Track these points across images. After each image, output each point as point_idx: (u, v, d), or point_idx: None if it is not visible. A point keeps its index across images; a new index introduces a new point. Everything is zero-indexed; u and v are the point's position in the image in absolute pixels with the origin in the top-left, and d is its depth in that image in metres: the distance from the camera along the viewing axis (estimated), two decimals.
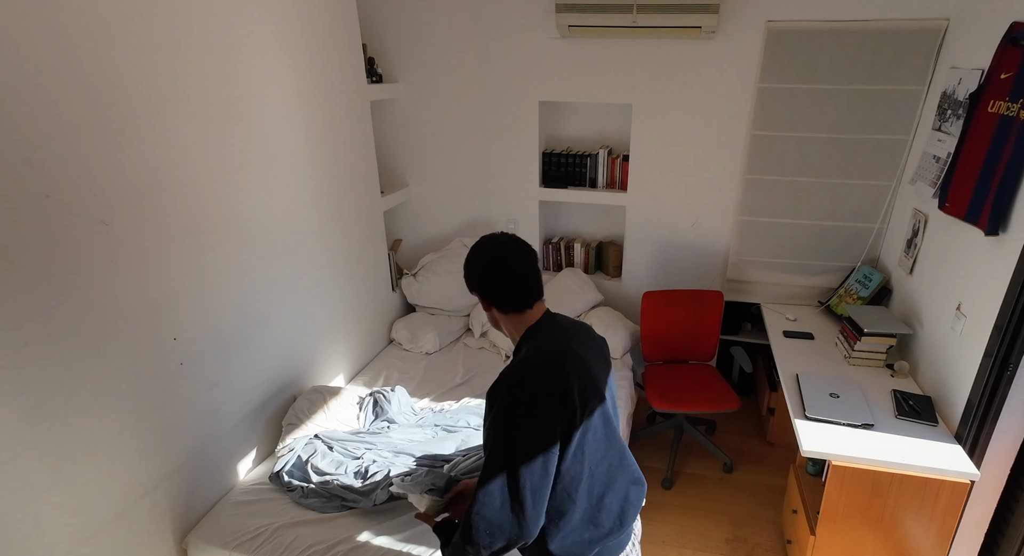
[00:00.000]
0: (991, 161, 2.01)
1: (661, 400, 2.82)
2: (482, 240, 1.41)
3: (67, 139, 1.53)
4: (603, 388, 1.37)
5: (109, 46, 1.61)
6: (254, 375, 2.30)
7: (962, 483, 1.94)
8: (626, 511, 1.41)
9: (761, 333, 3.12)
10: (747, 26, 2.82)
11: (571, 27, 2.88)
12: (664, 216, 3.31)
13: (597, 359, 1.40)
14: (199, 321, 2.01)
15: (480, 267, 1.38)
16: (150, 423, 1.86)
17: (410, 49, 3.27)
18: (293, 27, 2.35)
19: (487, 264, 1.37)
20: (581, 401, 1.27)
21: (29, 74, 1.43)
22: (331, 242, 2.76)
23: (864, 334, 2.51)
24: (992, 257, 1.99)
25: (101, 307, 1.66)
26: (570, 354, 1.31)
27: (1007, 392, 1.87)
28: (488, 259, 1.37)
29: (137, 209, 1.74)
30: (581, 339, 1.40)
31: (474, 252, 1.40)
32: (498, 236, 1.40)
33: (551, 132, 3.48)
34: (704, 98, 3.01)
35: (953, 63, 2.47)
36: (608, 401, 1.39)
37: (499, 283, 1.36)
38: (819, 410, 2.19)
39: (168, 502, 1.96)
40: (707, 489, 2.89)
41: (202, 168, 1.96)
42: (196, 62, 1.90)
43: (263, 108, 2.22)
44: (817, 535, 2.13)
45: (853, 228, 3.01)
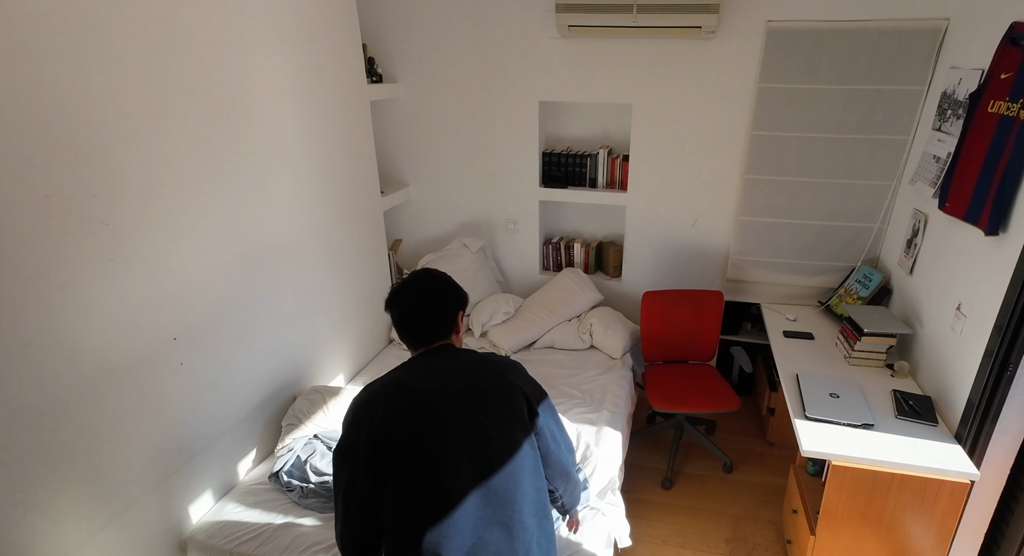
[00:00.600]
0: (991, 161, 2.01)
1: (661, 400, 2.82)
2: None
3: (67, 139, 1.53)
4: (433, 443, 1.25)
5: (109, 46, 1.61)
6: (254, 375, 2.30)
7: (962, 483, 1.94)
8: None
9: (761, 333, 3.12)
10: (747, 26, 2.82)
11: (571, 27, 2.88)
12: (664, 216, 3.31)
13: (458, 409, 1.29)
14: (199, 321, 2.01)
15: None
16: (150, 423, 1.86)
17: (410, 49, 3.27)
18: (293, 27, 2.35)
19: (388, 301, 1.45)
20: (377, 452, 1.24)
21: (29, 74, 1.43)
22: (331, 242, 2.76)
23: (864, 334, 2.51)
24: (992, 257, 1.98)
25: (101, 307, 1.66)
26: (382, 403, 1.28)
27: (1007, 392, 1.87)
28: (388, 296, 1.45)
29: (137, 209, 1.74)
30: (443, 386, 1.32)
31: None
32: (415, 273, 1.46)
33: (551, 132, 3.48)
34: (704, 98, 3.01)
35: (953, 63, 2.47)
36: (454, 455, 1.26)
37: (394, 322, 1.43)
38: (819, 410, 2.19)
39: (168, 502, 1.96)
40: (707, 489, 2.89)
41: (202, 168, 1.96)
42: (196, 62, 1.90)
43: (263, 108, 2.22)
44: (817, 535, 2.13)
45: (853, 228, 3.01)
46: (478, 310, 3.37)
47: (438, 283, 1.45)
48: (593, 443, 2.45)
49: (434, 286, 1.43)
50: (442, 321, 1.42)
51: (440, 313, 1.42)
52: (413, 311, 1.40)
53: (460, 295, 1.48)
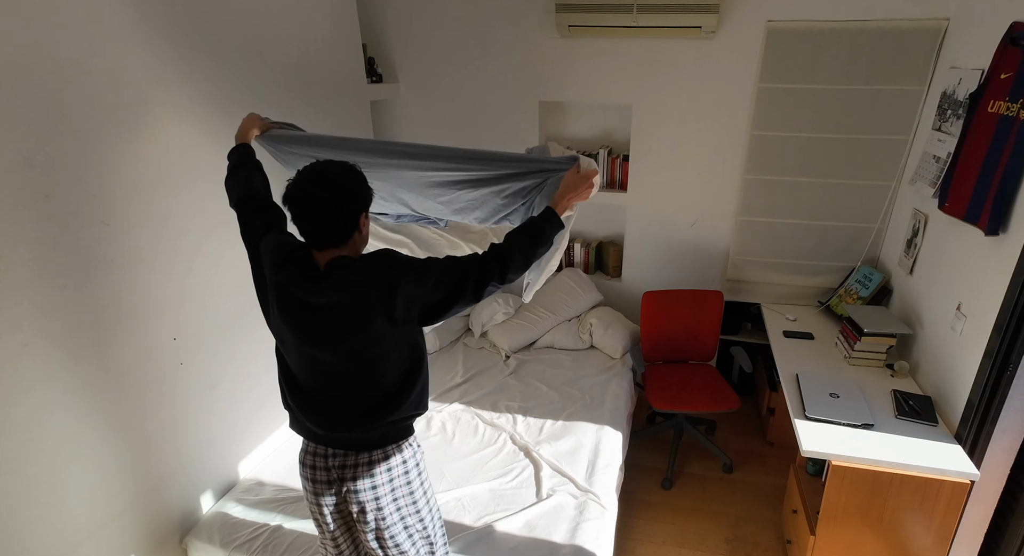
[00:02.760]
0: (991, 161, 2.01)
1: (661, 400, 2.82)
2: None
3: (67, 139, 1.53)
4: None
5: (109, 45, 1.61)
6: (254, 375, 2.30)
7: (962, 483, 1.94)
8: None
9: (761, 333, 3.12)
10: (747, 26, 2.81)
11: (571, 27, 2.88)
12: (664, 216, 3.31)
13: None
14: (199, 321, 2.01)
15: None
16: (150, 423, 1.86)
17: (410, 49, 3.27)
18: (293, 27, 2.35)
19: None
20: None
21: (29, 73, 1.43)
22: None
23: (864, 334, 2.51)
24: (992, 257, 1.98)
25: (101, 307, 1.66)
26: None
27: (1007, 392, 1.87)
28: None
29: (137, 209, 1.74)
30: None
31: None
32: (310, 172, 1.38)
33: (551, 132, 3.48)
34: (704, 98, 3.00)
35: (953, 63, 2.47)
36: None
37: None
38: (819, 410, 2.19)
39: (168, 502, 1.96)
40: (707, 489, 2.89)
41: (202, 168, 1.96)
42: (195, 62, 1.90)
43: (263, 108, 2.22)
44: (817, 535, 2.13)
45: (853, 228, 3.01)
46: (478, 310, 3.37)
47: (337, 186, 1.35)
48: (593, 443, 2.45)
49: (330, 196, 1.34)
50: (340, 228, 1.37)
51: (338, 220, 1.36)
52: (310, 218, 1.35)
53: (362, 196, 1.40)
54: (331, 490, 1.51)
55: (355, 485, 1.47)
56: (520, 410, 2.69)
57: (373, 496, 1.48)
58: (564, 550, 1.91)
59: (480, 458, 2.38)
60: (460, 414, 2.67)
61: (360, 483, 1.47)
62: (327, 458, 1.49)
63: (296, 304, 1.41)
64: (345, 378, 1.44)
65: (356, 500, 1.48)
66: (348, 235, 1.39)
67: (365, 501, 1.48)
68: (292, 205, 1.36)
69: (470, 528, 2.01)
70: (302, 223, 1.37)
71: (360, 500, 1.48)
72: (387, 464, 1.49)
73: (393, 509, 1.50)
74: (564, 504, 2.11)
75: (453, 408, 2.72)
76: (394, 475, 1.50)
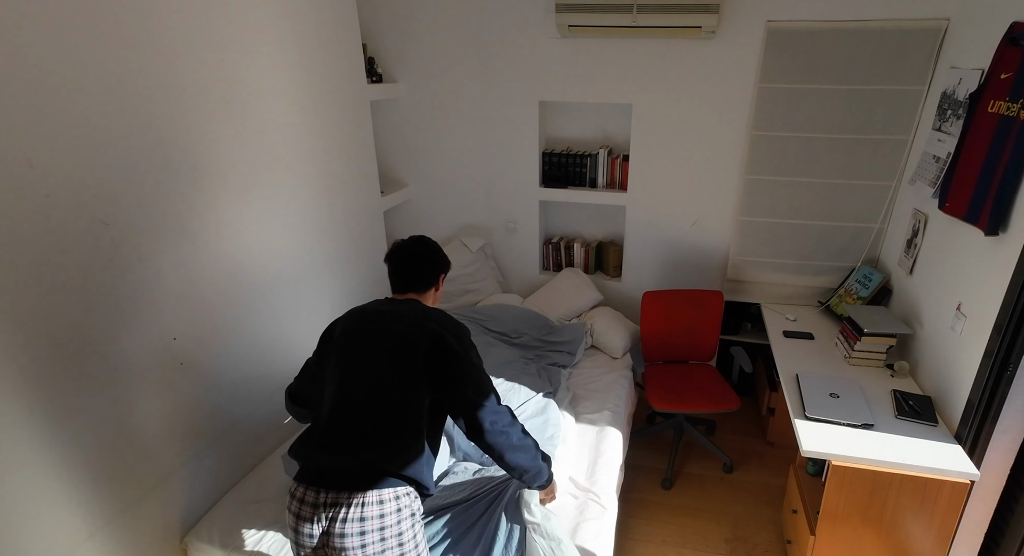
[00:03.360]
0: (991, 161, 2.01)
1: (661, 400, 2.82)
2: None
3: (67, 139, 1.53)
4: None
5: (109, 45, 1.62)
6: (254, 375, 2.30)
7: (962, 483, 1.94)
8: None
9: (761, 333, 3.12)
10: (747, 26, 2.81)
11: (571, 27, 2.88)
12: (664, 216, 3.31)
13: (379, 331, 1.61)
14: (199, 321, 2.01)
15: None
16: (150, 423, 1.86)
17: (410, 49, 3.27)
18: (293, 27, 2.35)
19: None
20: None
21: (29, 73, 1.43)
22: (331, 242, 2.76)
23: (864, 334, 2.51)
24: (992, 257, 1.99)
25: (101, 307, 1.66)
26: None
27: (1007, 392, 1.87)
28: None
29: (137, 209, 1.74)
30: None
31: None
32: (412, 237, 1.79)
33: (551, 132, 3.48)
34: (704, 98, 3.00)
35: (953, 63, 2.47)
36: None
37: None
38: (819, 410, 2.19)
39: (168, 502, 1.96)
40: (707, 489, 2.89)
41: (202, 168, 1.96)
42: (195, 61, 1.90)
43: (263, 108, 2.22)
44: (817, 535, 2.13)
45: (853, 228, 3.01)
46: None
47: (427, 248, 1.77)
48: (593, 443, 2.45)
49: (422, 250, 1.76)
50: (423, 277, 1.74)
51: (422, 270, 1.74)
52: (405, 266, 1.74)
53: (443, 260, 1.80)
54: (318, 525, 1.46)
55: (344, 527, 1.42)
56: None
57: (360, 542, 1.43)
58: None
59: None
60: None
61: (348, 525, 1.42)
62: (318, 495, 1.46)
63: (364, 312, 1.66)
64: (373, 403, 1.53)
65: (340, 544, 1.43)
66: (427, 286, 1.76)
67: (350, 545, 1.42)
68: (394, 255, 1.74)
69: None
70: (397, 265, 1.74)
71: (344, 545, 1.42)
72: (380, 509, 1.45)
73: (379, 554, 1.45)
74: (564, 504, 2.11)
75: None
76: (386, 523, 1.45)
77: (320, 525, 1.46)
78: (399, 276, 1.74)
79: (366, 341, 1.59)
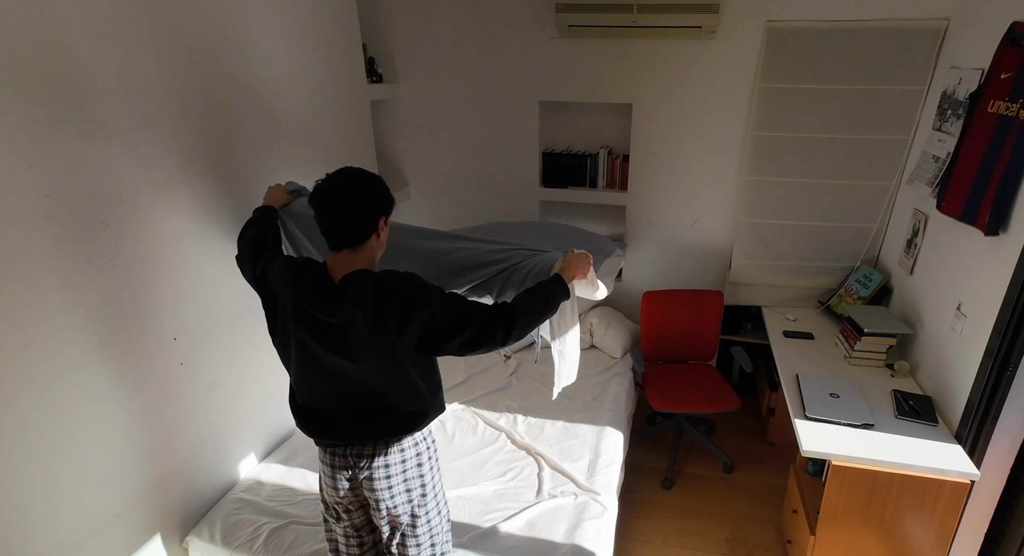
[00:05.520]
0: (988, 161, 2.01)
1: (661, 400, 2.82)
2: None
3: (67, 139, 1.53)
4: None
5: (108, 45, 1.61)
6: (254, 375, 2.30)
7: (962, 483, 1.94)
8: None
9: (761, 333, 3.12)
10: (747, 26, 2.81)
11: (571, 27, 2.88)
12: (664, 216, 3.31)
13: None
14: (199, 321, 2.01)
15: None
16: (150, 423, 1.86)
17: (410, 49, 3.27)
18: (293, 27, 2.35)
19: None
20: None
21: (29, 73, 1.43)
22: None
23: (864, 334, 2.51)
24: (992, 257, 1.98)
25: (101, 307, 1.66)
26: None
27: (1007, 392, 1.87)
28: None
29: (137, 209, 1.74)
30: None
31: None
32: (340, 173, 1.46)
33: (551, 132, 3.48)
34: (704, 98, 3.00)
35: (953, 63, 2.47)
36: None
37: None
38: (819, 410, 2.19)
39: (168, 502, 1.96)
40: (707, 489, 2.89)
41: (201, 168, 1.96)
42: (195, 61, 1.90)
43: (262, 108, 2.22)
44: (817, 535, 2.13)
45: (853, 228, 3.01)
46: None
47: (363, 188, 1.44)
48: (593, 443, 2.45)
49: (352, 191, 1.42)
50: (361, 228, 1.44)
51: (360, 220, 1.43)
52: (334, 216, 1.42)
53: (385, 200, 1.48)
54: (349, 471, 1.58)
55: (372, 473, 1.55)
56: (520, 410, 2.69)
57: (387, 484, 1.56)
58: (564, 549, 1.91)
59: (480, 457, 2.38)
60: (460, 414, 2.67)
61: (376, 471, 1.55)
62: (346, 449, 1.57)
63: (310, 326, 1.47)
64: (364, 393, 1.52)
65: (371, 487, 1.56)
66: (367, 235, 1.45)
67: (379, 488, 1.56)
68: (320, 197, 1.42)
69: (470, 527, 2.01)
70: (326, 216, 1.42)
71: (373, 487, 1.56)
72: (401, 455, 1.56)
73: (404, 494, 1.58)
74: (564, 504, 2.11)
75: (453, 408, 2.72)
76: (407, 466, 1.57)
77: (351, 471, 1.57)
78: (330, 228, 1.43)
79: (329, 353, 1.47)
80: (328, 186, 1.43)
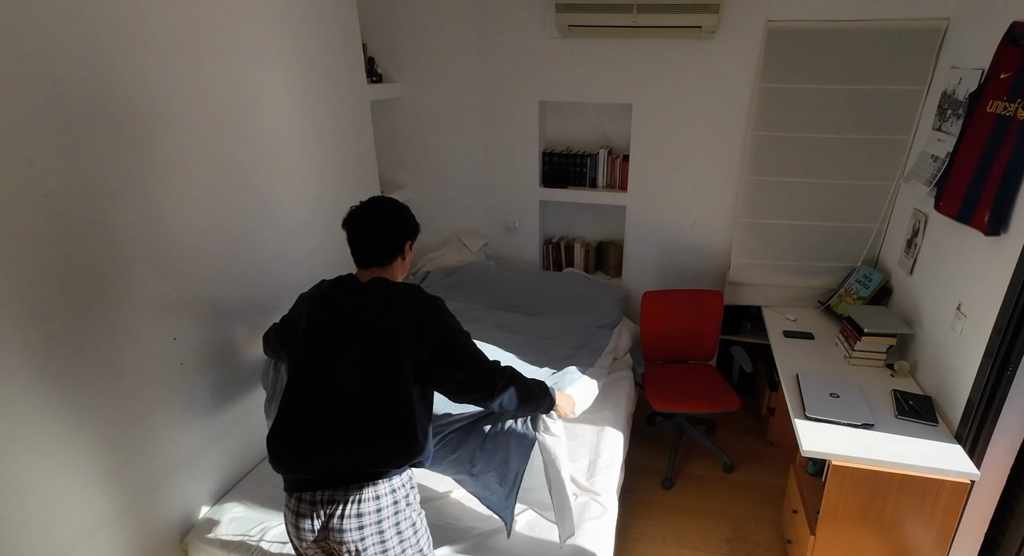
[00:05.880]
0: (986, 161, 2.01)
1: (661, 400, 2.82)
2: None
3: (67, 139, 1.53)
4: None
5: (109, 46, 1.61)
6: (254, 374, 2.30)
7: (962, 483, 1.94)
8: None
9: (761, 333, 3.12)
10: (747, 26, 2.82)
11: (571, 27, 2.88)
12: (664, 216, 3.31)
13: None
14: (199, 321, 2.01)
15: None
16: (150, 423, 1.86)
17: (410, 49, 3.27)
18: (293, 27, 2.35)
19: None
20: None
21: (29, 73, 1.43)
22: (331, 242, 2.76)
23: (864, 334, 2.51)
24: (992, 257, 1.98)
25: (101, 307, 1.65)
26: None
27: (1007, 392, 1.87)
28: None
29: (137, 209, 1.74)
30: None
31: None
32: (373, 199, 1.64)
33: (551, 132, 3.49)
34: (704, 98, 3.01)
35: (953, 63, 2.47)
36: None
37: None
38: (819, 410, 2.19)
39: (168, 502, 1.96)
40: (707, 489, 2.89)
41: (201, 168, 1.96)
42: (195, 62, 1.90)
43: (262, 108, 2.22)
44: (817, 535, 2.13)
45: (853, 228, 3.01)
46: None
47: (389, 212, 1.61)
48: (593, 443, 2.45)
49: (384, 214, 1.60)
50: (388, 248, 1.59)
51: (387, 241, 1.59)
52: (364, 236, 1.58)
53: (411, 226, 1.66)
54: (317, 520, 1.45)
55: (342, 522, 1.42)
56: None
57: (359, 536, 1.42)
58: (564, 550, 1.91)
59: None
60: None
61: (346, 521, 1.42)
62: (314, 494, 1.45)
63: (331, 307, 1.53)
64: (357, 399, 1.45)
65: (340, 538, 1.42)
66: (393, 257, 1.61)
67: (349, 540, 1.42)
68: (351, 219, 1.59)
69: (470, 528, 2.01)
70: (356, 235, 1.58)
71: (343, 539, 1.42)
72: (377, 504, 1.44)
73: (378, 545, 1.45)
74: None
75: None
76: (383, 516, 1.44)
77: (319, 520, 1.45)
78: (359, 247, 1.58)
79: (341, 339, 1.49)
80: (359, 209, 1.60)
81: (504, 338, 2.68)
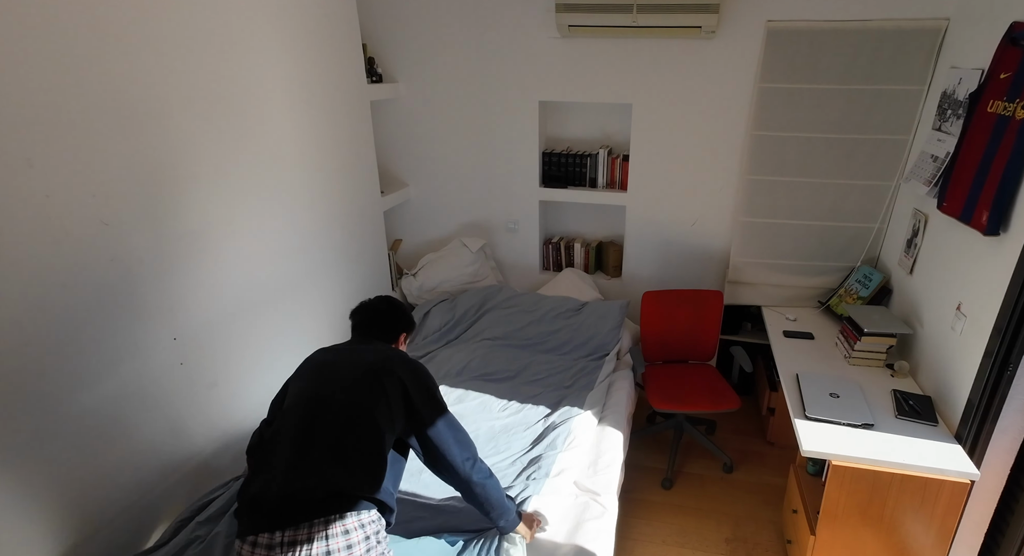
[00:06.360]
0: (986, 161, 2.01)
1: (661, 400, 2.82)
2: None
3: (67, 139, 1.53)
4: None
5: (109, 46, 1.62)
6: (254, 375, 2.30)
7: (962, 483, 1.94)
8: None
9: (761, 333, 3.12)
10: (747, 26, 2.82)
11: (571, 27, 2.88)
12: (664, 216, 3.31)
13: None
14: (199, 321, 2.01)
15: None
16: (150, 423, 1.86)
17: (410, 49, 3.27)
18: (293, 27, 2.35)
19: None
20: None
21: (29, 73, 1.43)
22: (331, 242, 2.76)
23: (864, 334, 2.51)
24: (992, 257, 1.98)
25: (101, 307, 1.66)
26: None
27: (1007, 392, 1.87)
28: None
29: (137, 209, 1.74)
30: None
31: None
32: (379, 297, 1.84)
33: (551, 132, 3.49)
34: (704, 98, 3.01)
35: (953, 63, 2.47)
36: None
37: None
38: (819, 410, 2.19)
39: (168, 502, 1.96)
40: (707, 489, 2.89)
41: (202, 168, 1.97)
42: (196, 62, 1.90)
43: (263, 108, 2.22)
44: (817, 535, 2.13)
45: (853, 228, 3.01)
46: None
47: (391, 306, 1.80)
48: (593, 443, 2.45)
49: (387, 307, 1.79)
50: (385, 332, 1.75)
51: (385, 325, 1.76)
52: (366, 317, 1.77)
53: (407, 320, 1.82)
54: None
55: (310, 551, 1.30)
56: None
57: None
58: (564, 550, 1.91)
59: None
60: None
61: (315, 549, 1.30)
62: (272, 536, 1.31)
63: (325, 352, 1.65)
64: (341, 425, 1.45)
65: None
66: (388, 343, 1.74)
67: None
68: (358, 311, 1.78)
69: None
70: (360, 318, 1.77)
71: None
72: (347, 539, 1.33)
73: None
74: (564, 504, 2.10)
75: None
76: (354, 553, 1.33)
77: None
78: (361, 329, 1.75)
79: (333, 368, 1.57)
80: (367, 302, 1.80)
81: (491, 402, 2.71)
